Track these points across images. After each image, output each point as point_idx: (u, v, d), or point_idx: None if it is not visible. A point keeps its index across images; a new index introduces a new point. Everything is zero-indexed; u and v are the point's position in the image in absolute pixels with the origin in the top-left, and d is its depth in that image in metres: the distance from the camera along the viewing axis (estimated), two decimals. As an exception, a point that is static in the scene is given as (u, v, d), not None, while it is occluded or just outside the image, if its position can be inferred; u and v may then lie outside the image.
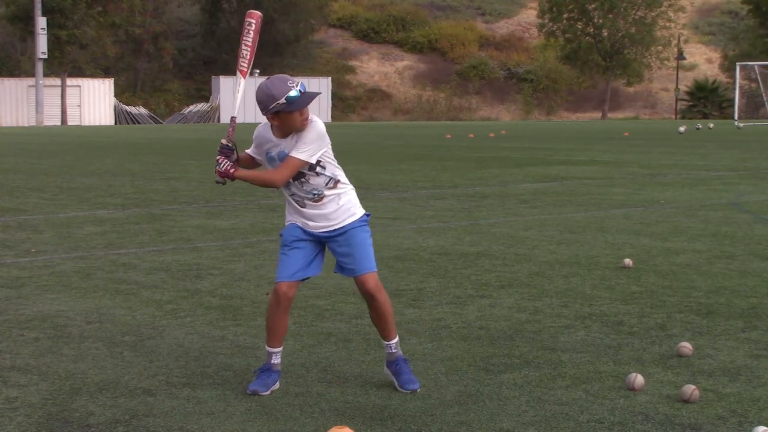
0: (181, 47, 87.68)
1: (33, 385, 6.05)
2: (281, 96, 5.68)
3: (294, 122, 5.78)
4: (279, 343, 6.02)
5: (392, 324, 6.08)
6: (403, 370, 5.98)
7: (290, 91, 5.69)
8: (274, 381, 5.94)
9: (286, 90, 5.69)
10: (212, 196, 17.41)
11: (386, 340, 6.08)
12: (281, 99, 5.68)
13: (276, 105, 5.70)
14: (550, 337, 7.19)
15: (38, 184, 19.68)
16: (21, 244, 11.79)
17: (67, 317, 7.90)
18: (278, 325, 6.00)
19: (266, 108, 5.75)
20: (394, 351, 6.06)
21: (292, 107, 5.70)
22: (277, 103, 5.69)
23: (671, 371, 6.27)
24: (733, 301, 8.40)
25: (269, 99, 5.71)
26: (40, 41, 66.92)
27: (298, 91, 5.70)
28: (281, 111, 5.73)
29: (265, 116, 5.86)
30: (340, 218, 5.97)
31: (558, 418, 5.40)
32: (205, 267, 10.17)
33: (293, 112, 5.73)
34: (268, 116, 5.82)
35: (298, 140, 5.82)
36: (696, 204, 15.80)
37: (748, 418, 5.38)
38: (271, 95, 5.70)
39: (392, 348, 6.06)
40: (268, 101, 5.72)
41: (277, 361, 5.99)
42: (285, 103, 5.68)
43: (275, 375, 5.96)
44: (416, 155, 28.96)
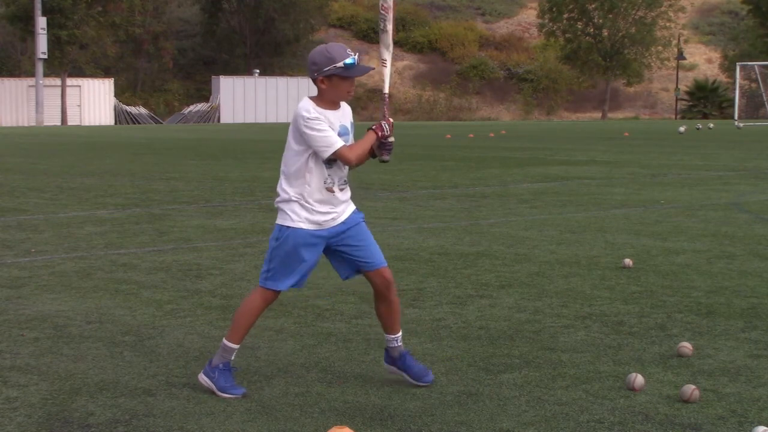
0: (181, 47, 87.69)
1: (33, 385, 6.06)
2: (340, 60, 5.68)
3: (342, 90, 5.76)
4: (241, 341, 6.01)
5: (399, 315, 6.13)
6: (411, 363, 5.99)
7: (348, 58, 5.69)
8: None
9: (345, 55, 5.70)
10: (212, 196, 17.42)
11: (393, 334, 6.06)
12: (340, 63, 5.68)
13: (333, 68, 5.68)
14: (550, 337, 7.19)
15: (38, 184, 19.68)
16: (21, 244, 11.79)
17: (67, 317, 7.90)
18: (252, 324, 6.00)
19: (320, 70, 5.70)
20: (399, 344, 6.07)
21: (347, 72, 5.69)
22: (335, 66, 5.68)
23: (671, 371, 6.27)
24: (733, 301, 8.40)
25: (328, 61, 5.69)
26: (40, 41, 66.95)
27: (354, 59, 5.71)
28: (335, 75, 5.71)
29: (313, 80, 5.79)
30: (348, 210, 5.95)
31: (558, 418, 5.41)
32: (205, 267, 10.17)
33: (346, 79, 5.71)
34: (318, 79, 5.74)
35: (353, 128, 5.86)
36: (696, 204, 15.80)
37: (748, 418, 5.38)
38: (330, 57, 5.69)
39: (398, 341, 6.06)
40: (325, 63, 5.70)
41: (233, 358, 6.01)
42: (343, 67, 5.68)
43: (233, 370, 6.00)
44: (416, 155, 28.95)
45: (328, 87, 5.76)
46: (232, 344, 5.95)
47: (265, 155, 29.72)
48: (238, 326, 5.95)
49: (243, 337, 5.99)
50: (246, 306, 5.98)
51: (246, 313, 5.96)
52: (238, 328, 5.95)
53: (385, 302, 6.04)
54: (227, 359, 5.93)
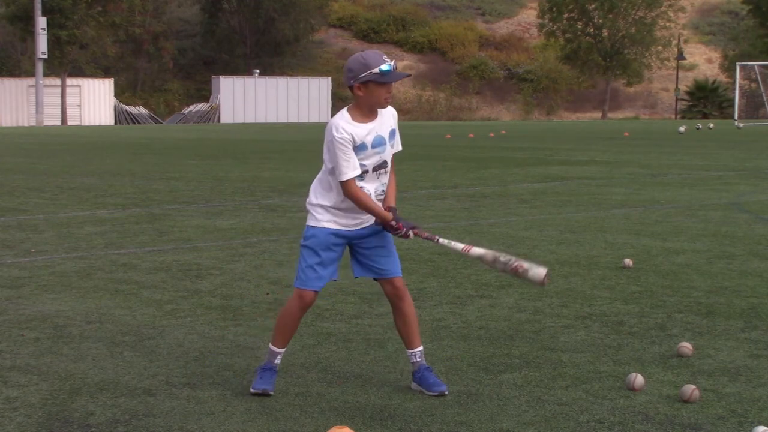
0: (181, 47, 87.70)
1: (33, 385, 6.06)
2: (376, 66, 5.64)
3: (379, 97, 5.71)
4: (287, 344, 6.01)
5: (417, 329, 6.03)
6: (427, 376, 5.90)
7: (383, 64, 5.66)
8: (275, 379, 5.94)
9: (380, 62, 5.66)
10: (212, 196, 17.42)
11: (410, 348, 6.00)
12: (375, 69, 5.64)
13: (369, 74, 5.64)
14: (550, 337, 7.19)
15: (38, 184, 19.68)
16: (21, 244, 11.79)
17: (67, 317, 7.90)
18: (293, 328, 5.97)
19: (356, 77, 5.66)
20: (418, 360, 5.97)
21: (384, 78, 5.65)
22: (371, 72, 5.64)
23: (671, 371, 6.28)
24: (733, 301, 8.40)
25: (363, 67, 5.66)
26: (40, 41, 66.92)
27: (390, 66, 5.68)
28: (371, 81, 5.66)
29: (350, 87, 5.73)
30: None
31: (558, 418, 5.41)
32: (205, 267, 10.17)
33: (383, 85, 5.68)
34: (355, 86, 5.69)
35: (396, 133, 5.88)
36: (696, 204, 15.80)
37: (748, 418, 5.38)
38: (366, 63, 5.66)
39: (417, 357, 5.98)
40: (361, 69, 5.66)
41: (279, 361, 5.99)
42: (379, 73, 5.64)
43: (275, 374, 5.96)
44: (416, 155, 28.93)
45: (365, 94, 5.71)
46: (273, 347, 5.97)
47: (265, 155, 29.71)
48: (278, 329, 5.98)
49: (284, 340, 5.97)
50: (284, 309, 6.00)
51: (283, 315, 5.98)
52: (277, 331, 5.98)
53: (399, 314, 6.00)
54: (268, 360, 5.96)
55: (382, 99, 5.72)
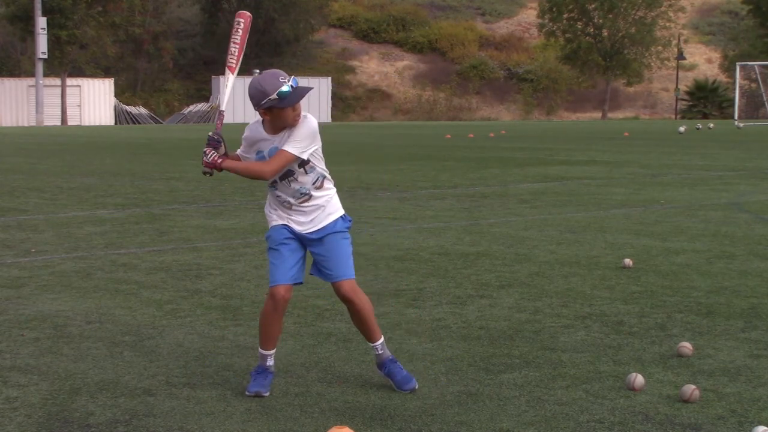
0: (181, 47, 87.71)
1: (33, 385, 6.05)
2: (273, 91, 5.62)
3: (286, 118, 5.73)
4: (273, 345, 6.00)
5: (374, 325, 6.05)
6: (394, 371, 5.95)
7: (282, 87, 5.64)
8: (270, 381, 5.94)
9: (277, 85, 5.64)
10: (212, 196, 17.42)
11: (370, 342, 6.07)
12: (273, 95, 5.63)
13: (268, 101, 5.65)
14: (550, 337, 7.19)
15: (38, 184, 19.68)
16: (21, 244, 11.79)
17: (67, 317, 7.90)
18: (274, 329, 5.97)
19: (258, 104, 5.70)
20: (381, 352, 6.03)
21: (283, 103, 5.66)
22: (269, 99, 5.64)
23: (671, 371, 6.27)
24: (733, 301, 8.40)
25: (261, 94, 5.66)
26: (40, 41, 66.93)
27: (290, 87, 5.65)
28: (273, 107, 5.68)
29: (257, 112, 5.79)
30: (324, 220, 5.93)
31: (558, 418, 5.40)
32: (205, 267, 10.17)
33: (285, 108, 5.69)
34: (260, 112, 5.77)
35: (290, 135, 5.78)
36: (696, 204, 15.80)
37: (748, 418, 5.38)
38: (263, 90, 5.65)
39: (378, 350, 6.03)
40: (260, 96, 5.67)
41: (271, 363, 5.99)
42: (277, 99, 5.63)
43: (270, 375, 5.96)
44: (416, 155, 28.95)
45: (271, 118, 5.78)
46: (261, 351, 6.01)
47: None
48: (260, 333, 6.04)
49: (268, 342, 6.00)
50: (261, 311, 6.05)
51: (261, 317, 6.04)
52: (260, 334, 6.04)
53: (351, 314, 6.09)
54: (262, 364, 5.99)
55: (289, 119, 5.77)
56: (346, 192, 17.35)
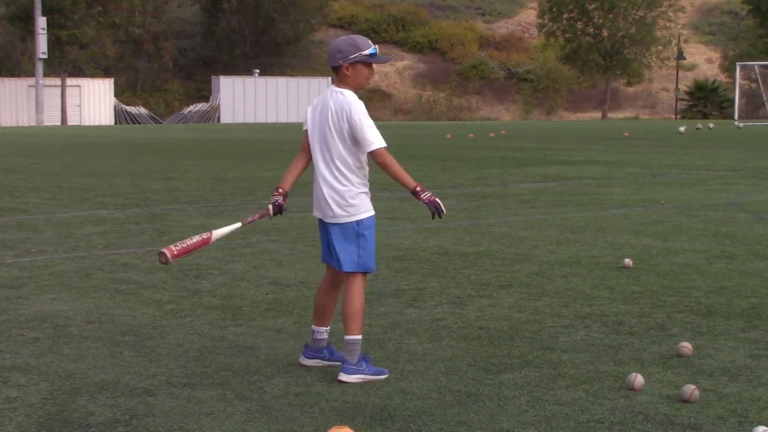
0: (181, 47, 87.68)
1: (33, 385, 6.05)
2: (365, 48, 6.13)
3: (363, 77, 6.19)
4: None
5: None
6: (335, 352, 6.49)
7: (371, 48, 6.16)
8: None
9: (368, 45, 6.16)
10: (211, 195, 17.42)
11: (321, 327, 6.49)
12: (365, 51, 6.12)
13: (359, 55, 6.11)
14: (550, 337, 7.19)
15: (38, 184, 19.68)
16: (21, 244, 11.79)
17: (67, 317, 7.90)
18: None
19: (346, 57, 6.10)
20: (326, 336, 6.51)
21: (371, 59, 6.14)
22: (360, 53, 6.11)
23: (671, 371, 6.27)
24: (733, 301, 8.40)
25: (353, 48, 6.13)
26: (40, 41, 66.92)
27: (376, 49, 6.18)
28: (360, 62, 6.13)
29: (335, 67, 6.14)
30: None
31: (558, 418, 5.40)
32: (205, 267, 10.17)
33: (368, 65, 6.16)
34: (344, 66, 6.11)
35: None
36: (696, 204, 15.80)
37: (748, 418, 5.38)
38: (355, 45, 6.14)
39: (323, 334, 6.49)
40: (351, 51, 6.12)
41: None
42: (367, 54, 6.12)
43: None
44: (416, 155, 28.94)
45: (352, 74, 6.17)
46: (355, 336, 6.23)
47: (265, 155, 29.71)
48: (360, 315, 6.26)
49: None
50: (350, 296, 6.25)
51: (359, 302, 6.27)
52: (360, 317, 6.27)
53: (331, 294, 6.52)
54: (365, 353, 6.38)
55: (364, 79, 6.20)
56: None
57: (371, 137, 6.06)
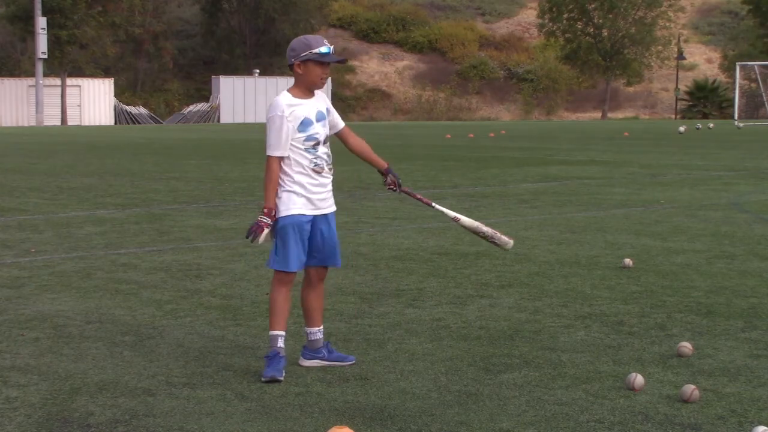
0: (181, 47, 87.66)
1: (33, 385, 6.05)
2: (316, 47, 6.18)
3: (315, 76, 6.23)
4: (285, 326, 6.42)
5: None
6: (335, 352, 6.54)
7: (323, 47, 6.21)
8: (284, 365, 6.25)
9: (321, 44, 6.21)
10: (212, 195, 17.42)
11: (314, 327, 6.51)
12: (315, 49, 6.17)
13: (310, 53, 6.18)
14: (550, 337, 7.19)
15: (38, 184, 19.68)
16: (21, 244, 11.79)
17: (67, 317, 7.90)
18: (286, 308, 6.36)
19: (298, 55, 6.19)
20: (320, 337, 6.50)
21: (323, 58, 6.18)
22: (311, 52, 6.18)
23: (671, 371, 6.27)
24: (733, 300, 8.40)
25: (304, 47, 6.21)
26: (40, 41, 66.91)
27: (330, 49, 6.24)
28: (311, 60, 6.19)
29: (290, 66, 6.24)
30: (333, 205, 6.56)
31: (558, 418, 5.40)
32: (205, 267, 10.17)
33: (320, 64, 6.19)
34: (295, 64, 6.20)
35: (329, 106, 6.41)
36: (696, 204, 15.80)
37: (747, 418, 5.38)
38: (307, 44, 6.22)
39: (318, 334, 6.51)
40: (302, 48, 6.20)
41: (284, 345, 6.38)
42: (318, 53, 6.17)
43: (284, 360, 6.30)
44: (416, 155, 28.95)
45: (303, 72, 6.24)
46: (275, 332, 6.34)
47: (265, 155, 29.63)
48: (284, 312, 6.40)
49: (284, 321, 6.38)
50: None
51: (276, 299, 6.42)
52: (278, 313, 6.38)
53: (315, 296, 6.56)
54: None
55: (318, 78, 6.25)
56: (346, 192, 17.36)
57: (267, 142, 6.24)
